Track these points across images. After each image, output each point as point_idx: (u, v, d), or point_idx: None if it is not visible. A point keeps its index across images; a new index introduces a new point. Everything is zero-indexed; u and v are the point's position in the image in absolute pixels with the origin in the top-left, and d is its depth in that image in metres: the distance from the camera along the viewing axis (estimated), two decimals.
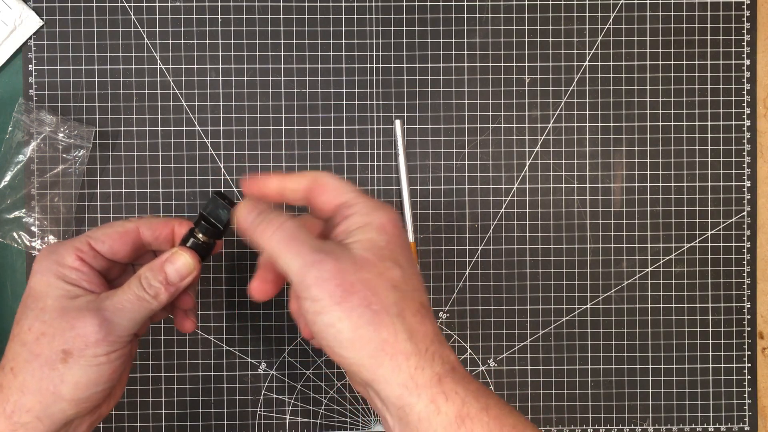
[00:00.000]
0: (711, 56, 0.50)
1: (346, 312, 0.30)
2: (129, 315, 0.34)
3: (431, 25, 0.49)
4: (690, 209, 0.50)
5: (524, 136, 0.50)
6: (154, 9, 0.48)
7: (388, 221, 0.33)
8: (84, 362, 0.33)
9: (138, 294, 0.34)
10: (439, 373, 0.30)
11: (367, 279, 0.31)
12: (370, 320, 0.30)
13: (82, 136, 0.47)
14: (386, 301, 0.30)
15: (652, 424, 0.50)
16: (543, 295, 0.50)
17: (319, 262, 0.31)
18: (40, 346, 0.33)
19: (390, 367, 0.30)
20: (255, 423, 0.49)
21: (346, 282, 0.30)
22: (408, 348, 0.30)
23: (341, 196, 0.34)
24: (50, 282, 0.35)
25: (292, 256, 0.31)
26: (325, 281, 0.30)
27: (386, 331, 0.30)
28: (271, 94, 0.49)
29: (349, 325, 0.30)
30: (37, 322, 0.34)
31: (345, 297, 0.30)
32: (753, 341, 0.50)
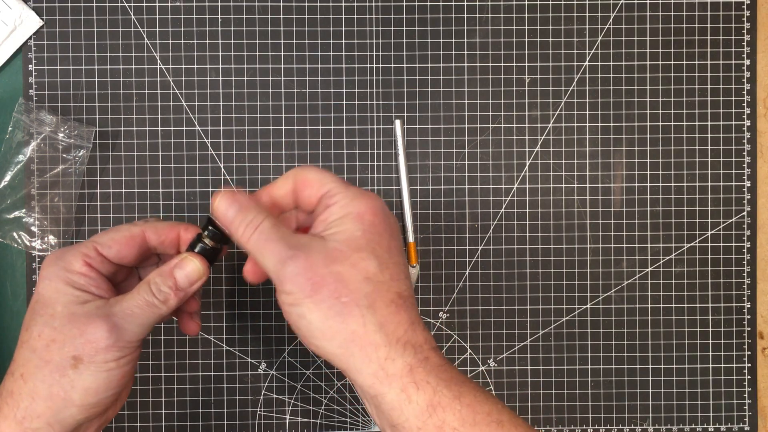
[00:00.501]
0: (711, 56, 0.50)
1: (316, 304, 0.31)
2: (138, 320, 0.34)
3: (431, 25, 0.49)
4: (690, 209, 0.50)
5: (524, 136, 0.50)
6: (154, 9, 0.48)
7: (368, 210, 0.33)
8: (94, 368, 0.33)
9: (147, 299, 0.35)
10: (410, 363, 0.31)
11: (338, 272, 0.31)
12: (339, 312, 0.31)
13: (82, 136, 0.47)
14: (357, 293, 0.31)
15: (652, 424, 0.50)
16: (543, 295, 0.50)
17: (291, 258, 0.32)
18: (50, 353, 0.33)
19: (360, 358, 0.31)
20: (255, 423, 0.49)
21: (317, 275, 0.31)
22: (378, 339, 0.31)
23: (323, 186, 0.34)
24: (58, 288, 0.35)
25: (267, 255, 0.33)
26: (297, 276, 0.31)
27: (355, 323, 0.31)
28: (271, 94, 0.49)
29: (319, 316, 0.31)
30: (46, 329, 0.34)
31: (315, 290, 0.31)
32: (753, 341, 0.50)
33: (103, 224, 0.48)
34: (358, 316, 0.31)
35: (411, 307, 0.33)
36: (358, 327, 0.31)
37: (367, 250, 0.32)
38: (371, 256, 0.32)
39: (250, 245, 0.33)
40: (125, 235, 0.37)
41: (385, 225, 0.33)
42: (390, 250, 0.33)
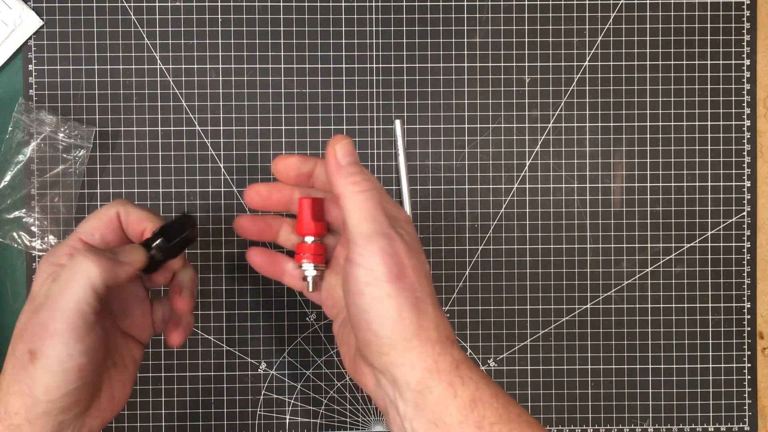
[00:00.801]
0: (711, 56, 0.50)
1: (396, 291, 0.31)
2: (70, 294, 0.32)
3: (431, 25, 0.49)
4: (690, 209, 0.50)
5: (524, 136, 0.50)
6: (154, 9, 0.48)
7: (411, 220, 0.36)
8: (47, 361, 0.31)
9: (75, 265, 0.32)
10: (457, 359, 0.32)
11: (416, 266, 0.32)
12: (414, 305, 0.32)
13: (82, 136, 0.47)
14: (426, 290, 0.32)
15: (652, 424, 0.50)
16: (543, 295, 0.50)
17: (389, 236, 0.32)
18: (16, 347, 0.33)
19: (419, 352, 0.31)
20: (255, 423, 0.49)
21: (403, 263, 0.32)
22: (434, 336, 0.32)
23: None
24: (41, 283, 0.34)
25: (369, 220, 0.32)
26: (389, 256, 0.32)
27: (423, 319, 0.32)
28: (271, 94, 0.49)
29: (396, 304, 0.31)
30: (18, 324, 0.34)
31: (400, 277, 0.32)
32: (753, 341, 0.50)
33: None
34: (426, 312, 0.32)
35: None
36: (424, 322, 0.32)
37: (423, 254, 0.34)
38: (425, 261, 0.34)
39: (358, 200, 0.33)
40: (103, 219, 0.36)
41: None
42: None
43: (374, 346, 0.32)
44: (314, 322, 0.49)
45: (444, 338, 0.32)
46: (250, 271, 0.49)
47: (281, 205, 0.39)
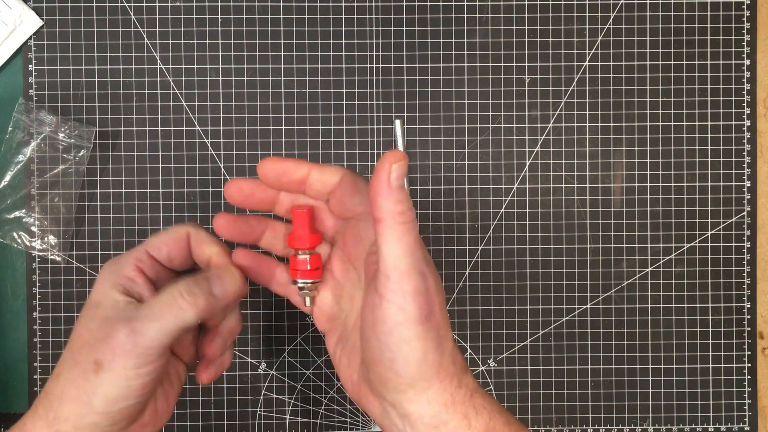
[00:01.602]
0: (711, 56, 0.50)
1: (425, 332, 0.30)
2: (159, 324, 0.32)
3: (431, 25, 0.49)
4: (690, 209, 0.50)
5: (524, 136, 0.50)
6: (154, 9, 0.49)
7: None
8: (113, 375, 0.32)
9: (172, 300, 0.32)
10: (471, 388, 0.32)
11: (442, 303, 0.32)
12: (437, 345, 0.31)
13: (82, 136, 0.47)
14: (446, 328, 0.32)
15: (652, 424, 0.50)
16: (543, 295, 0.50)
17: (424, 274, 0.31)
18: (80, 355, 0.33)
19: (438, 389, 0.31)
20: (255, 423, 0.49)
21: (431, 303, 0.31)
22: (452, 370, 0.32)
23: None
24: (105, 292, 0.34)
25: (407, 255, 0.31)
26: (421, 295, 0.30)
27: (444, 356, 0.31)
28: (271, 94, 0.49)
29: (423, 346, 0.30)
30: (84, 330, 0.33)
31: (429, 317, 0.31)
32: (753, 341, 0.50)
33: (103, 224, 0.49)
34: (447, 350, 0.31)
35: None
36: (444, 359, 0.31)
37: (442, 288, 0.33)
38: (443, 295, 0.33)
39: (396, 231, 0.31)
40: (173, 236, 0.36)
41: None
42: None
43: (392, 384, 0.31)
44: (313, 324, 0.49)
45: (460, 370, 0.32)
46: None
47: (265, 205, 0.36)
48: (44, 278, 0.48)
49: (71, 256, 0.48)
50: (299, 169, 0.34)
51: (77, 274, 0.49)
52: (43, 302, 0.48)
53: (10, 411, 0.49)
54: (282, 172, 0.34)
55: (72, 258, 0.48)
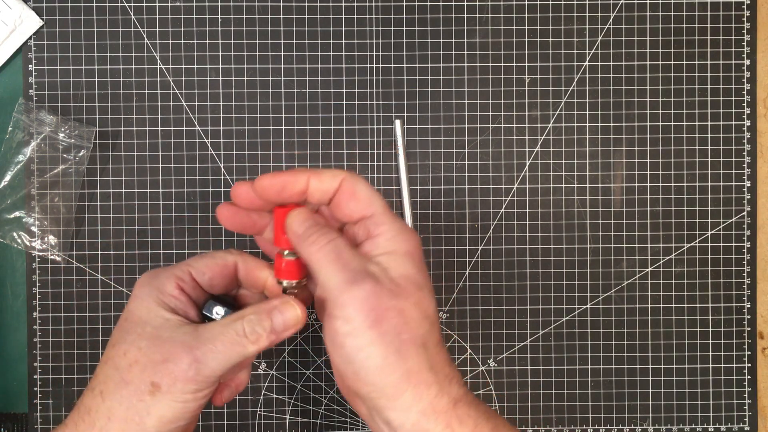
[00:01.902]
0: (711, 56, 0.50)
1: (378, 337, 0.30)
2: (221, 357, 0.32)
3: (431, 25, 0.49)
4: (690, 209, 0.50)
5: (524, 136, 0.50)
6: (154, 9, 0.49)
7: (415, 248, 0.33)
8: (171, 398, 0.32)
9: (236, 337, 0.33)
10: (455, 397, 0.31)
11: (402, 308, 0.31)
12: (398, 349, 0.30)
13: (82, 136, 0.47)
14: (416, 332, 0.31)
15: (652, 424, 0.50)
16: (543, 295, 0.50)
17: (358, 281, 0.31)
18: (131, 374, 0.32)
19: (411, 396, 0.31)
20: (255, 423, 0.49)
21: (381, 307, 0.30)
22: (429, 378, 0.31)
23: (370, 207, 0.33)
24: (150, 308, 0.34)
25: (334, 271, 0.31)
26: (362, 302, 0.30)
27: (412, 361, 0.31)
28: (271, 94, 0.49)
29: (379, 351, 0.30)
30: (132, 348, 0.33)
31: (378, 321, 0.30)
32: (753, 341, 0.50)
33: (103, 224, 0.48)
34: (415, 355, 0.31)
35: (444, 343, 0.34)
36: (414, 365, 0.31)
37: (426, 290, 0.32)
38: (430, 296, 0.32)
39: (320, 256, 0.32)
40: (219, 263, 0.36)
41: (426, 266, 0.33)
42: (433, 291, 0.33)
43: (364, 393, 0.31)
44: (314, 321, 0.49)
45: (442, 378, 0.31)
46: None
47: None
48: (44, 278, 0.48)
49: (71, 256, 0.48)
50: (297, 181, 0.34)
51: (77, 274, 0.49)
52: (43, 302, 0.48)
53: (10, 411, 0.49)
54: (281, 188, 0.34)
55: (72, 258, 0.48)
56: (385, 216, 0.33)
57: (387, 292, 0.31)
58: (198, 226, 0.49)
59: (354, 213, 0.34)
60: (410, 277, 0.32)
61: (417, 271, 0.32)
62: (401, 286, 0.31)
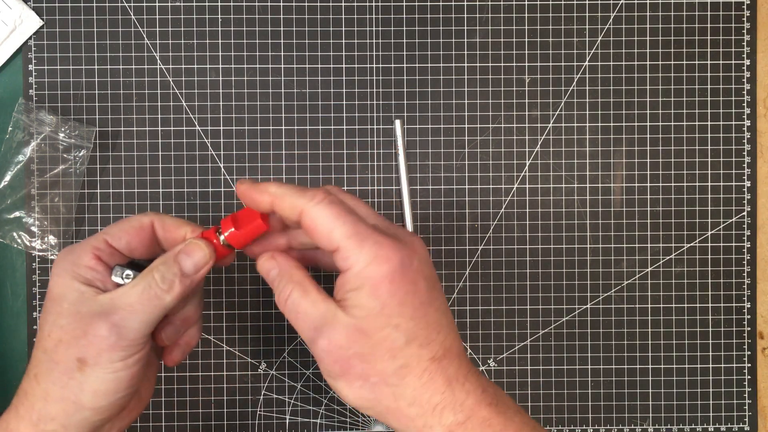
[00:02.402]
0: (711, 56, 0.50)
1: (348, 383, 0.31)
2: (140, 316, 0.32)
3: (431, 25, 0.49)
4: (690, 209, 0.50)
5: (524, 136, 0.50)
6: (154, 9, 0.49)
7: (384, 277, 0.30)
8: (100, 370, 0.32)
9: (149, 290, 0.32)
10: (449, 426, 0.31)
11: (363, 353, 0.31)
12: (370, 391, 0.31)
13: (82, 136, 0.47)
14: (384, 373, 0.31)
15: (652, 424, 0.50)
16: (543, 295, 0.50)
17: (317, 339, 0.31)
18: (58, 354, 0.32)
19: (399, 425, 0.31)
20: (255, 423, 0.49)
21: (343, 357, 0.31)
22: (412, 412, 0.31)
23: (332, 242, 0.31)
24: (66, 283, 0.33)
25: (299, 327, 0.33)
26: (326, 355, 0.31)
27: (387, 401, 0.31)
28: (271, 94, 0.49)
29: (351, 393, 0.31)
30: (55, 328, 0.33)
31: (343, 372, 0.31)
32: (753, 341, 0.50)
33: (103, 224, 0.49)
34: (389, 394, 0.31)
35: (449, 364, 0.31)
36: (390, 403, 0.31)
37: (389, 326, 0.31)
38: (394, 332, 0.31)
39: (287, 311, 0.33)
40: (134, 225, 0.35)
41: (407, 287, 0.31)
42: (416, 315, 0.31)
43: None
44: None
45: (429, 410, 0.31)
46: (251, 271, 0.49)
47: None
48: (44, 278, 0.48)
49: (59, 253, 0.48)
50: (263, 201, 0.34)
51: None
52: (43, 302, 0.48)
53: None
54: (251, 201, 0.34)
55: None
56: (349, 248, 0.31)
57: (346, 340, 0.31)
58: None
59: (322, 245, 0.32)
60: (372, 317, 0.30)
61: (381, 308, 0.30)
62: (361, 328, 0.31)
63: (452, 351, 0.32)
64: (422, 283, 0.31)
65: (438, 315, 0.32)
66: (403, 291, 0.31)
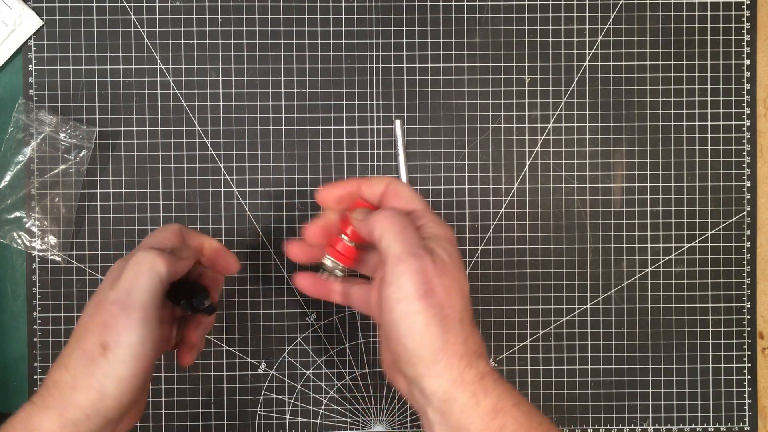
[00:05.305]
0: (711, 56, 0.50)
1: (424, 307, 0.33)
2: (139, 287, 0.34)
3: (431, 25, 0.49)
4: (690, 209, 0.50)
5: (524, 136, 0.50)
6: (154, 9, 0.48)
7: (453, 236, 0.37)
8: (120, 351, 0.33)
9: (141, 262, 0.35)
10: (482, 372, 0.34)
11: (447, 285, 0.34)
12: (440, 321, 0.33)
13: (83, 136, 0.47)
14: (456, 308, 0.34)
15: (652, 424, 0.50)
16: (543, 295, 0.50)
17: (417, 256, 0.34)
18: (85, 342, 0.34)
19: (444, 365, 0.33)
20: (255, 423, 0.49)
21: (431, 281, 0.34)
22: (461, 350, 0.33)
23: (412, 203, 0.37)
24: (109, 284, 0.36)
25: (398, 241, 0.35)
26: (416, 274, 0.33)
27: (450, 334, 0.33)
28: (271, 94, 0.49)
29: (423, 319, 0.33)
30: (85, 317, 0.35)
31: (427, 293, 0.33)
32: (753, 341, 0.50)
33: (103, 224, 0.49)
34: (453, 328, 0.33)
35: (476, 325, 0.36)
36: (450, 337, 0.33)
37: (463, 271, 0.35)
38: (465, 277, 0.35)
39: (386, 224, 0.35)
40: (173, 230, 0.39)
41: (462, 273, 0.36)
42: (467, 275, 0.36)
43: (404, 358, 0.34)
44: (314, 322, 0.49)
45: (471, 353, 0.34)
46: (250, 271, 0.49)
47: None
48: (44, 278, 0.48)
49: (71, 256, 0.48)
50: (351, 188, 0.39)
51: (77, 274, 0.49)
52: (43, 302, 0.48)
53: (11, 411, 0.49)
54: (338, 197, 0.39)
55: (72, 258, 0.48)
56: (425, 210, 0.37)
57: (436, 270, 0.34)
58: (198, 226, 0.49)
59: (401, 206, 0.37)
60: (453, 259, 0.35)
61: (457, 256, 0.35)
62: (447, 266, 0.34)
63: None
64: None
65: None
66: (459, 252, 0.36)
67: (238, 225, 0.49)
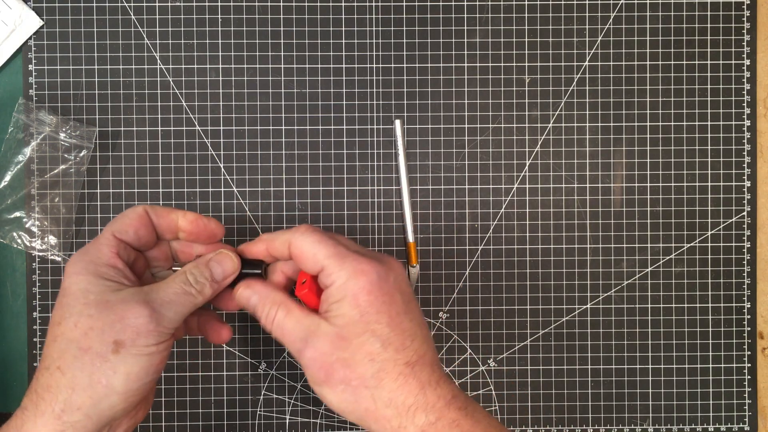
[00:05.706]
0: (711, 56, 0.50)
1: (331, 388, 0.34)
2: (175, 307, 0.35)
3: (431, 25, 0.49)
4: (690, 209, 0.50)
5: (524, 136, 0.50)
6: (154, 9, 0.48)
7: (362, 290, 0.34)
8: (136, 351, 0.34)
9: (184, 288, 0.36)
10: (422, 426, 0.33)
11: (344, 358, 0.34)
12: (351, 394, 0.34)
13: (83, 136, 0.47)
14: (364, 376, 0.34)
15: (652, 424, 0.50)
16: (543, 295, 0.50)
17: (303, 349, 0.35)
18: (89, 340, 0.34)
19: (377, 427, 0.34)
20: (255, 423, 0.49)
21: (327, 363, 0.34)
22: (388, 413, 0.34)
23: (317, 263, 0.36)
24: (89, 280, 0.35)
25: (287, 344, 0.36)
26: (312, 363, 0.34)
27: (366, 403, 0.34)
28: (271, 94, 0.49)
29: (335, 398, 0.34)
30: (83, 318, 0.34)
31: (327, 376, 0.34)
32: (753, 341, 0.50)
33: (103, 224, 0.49)
34: (368, 396, 0.34)
35: (422, 369, 0.34)
36: (369, 405, 0.34)
37: (367, 333, 0.34)
38: (371, 338, 0.34)
39: (273, 333, 0.37)
40: (134, 216, 0.38)
41: (384, 298, 0.35)
42: (392, 323, 0.34)
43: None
44: None
45: (404, 411, 0.33)
46: None
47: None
48: (44, 278, 0.48)
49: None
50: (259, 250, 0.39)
51: None
52: (43, 302, 0.48)
53: (11, 411, 0.49)
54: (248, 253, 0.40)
55: None
56: (332, 266, 0.35)
57: (329, 348, 0.34)
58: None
59: (309, 270, 0.37)
60: (352, 325, 0.34)
61: (360, 317, 0.34)
62: (342, 336, 0.34)
63: (425, 358, 0.35)
64: (398, 296, 0.35)
65: (413, 325, 0.35)
66: (380, 301, 0.35)
67: (238, 225, 0.49)
